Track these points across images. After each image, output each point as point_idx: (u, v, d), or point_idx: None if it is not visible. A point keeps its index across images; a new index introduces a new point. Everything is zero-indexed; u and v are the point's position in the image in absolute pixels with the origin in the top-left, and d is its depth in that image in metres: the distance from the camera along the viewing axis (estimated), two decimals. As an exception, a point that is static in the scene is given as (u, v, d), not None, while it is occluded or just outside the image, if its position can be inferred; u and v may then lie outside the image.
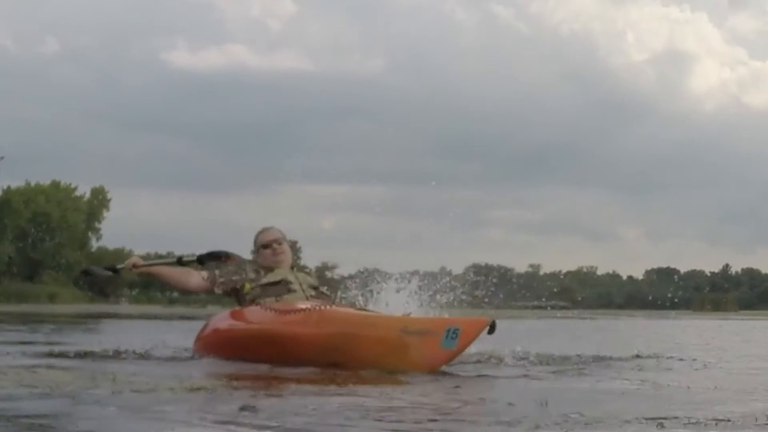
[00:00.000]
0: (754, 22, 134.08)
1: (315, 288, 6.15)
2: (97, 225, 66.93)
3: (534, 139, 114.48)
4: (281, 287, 6.03)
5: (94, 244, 67.40)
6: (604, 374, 4.90)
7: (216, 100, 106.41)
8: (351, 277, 6.78)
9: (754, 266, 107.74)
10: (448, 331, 4.93)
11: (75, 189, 65.83)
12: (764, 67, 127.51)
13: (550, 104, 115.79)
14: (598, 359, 5.81)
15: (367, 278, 6.56)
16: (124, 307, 35.31)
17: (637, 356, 6.12)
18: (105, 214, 67.19)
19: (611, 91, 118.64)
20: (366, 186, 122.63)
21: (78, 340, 8.03)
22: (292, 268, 6.25)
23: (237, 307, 6.13)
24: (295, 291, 6.03)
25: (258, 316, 5.84)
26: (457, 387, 4.36)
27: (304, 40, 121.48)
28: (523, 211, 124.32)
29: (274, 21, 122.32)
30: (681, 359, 6.12)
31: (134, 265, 6.31)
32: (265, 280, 6.07)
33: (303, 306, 5.72)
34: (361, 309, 5.97)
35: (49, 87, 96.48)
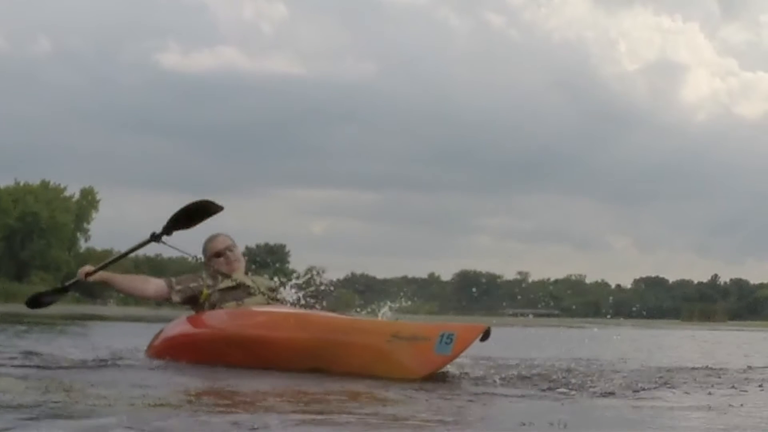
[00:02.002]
0: (745, 33, 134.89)
1: (273, 290, 6.02)
2: (86, 226, 66.78)
3: (525, 147, 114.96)
4: (241, 291, 5.91)
5: (83, 245, 67.24)
6: (619, 390, 4.44)
7: (207, 102, 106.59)
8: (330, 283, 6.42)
9: (743, 277, 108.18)
10: (442, 336, 4.80)
11: (64, 189, 65.71)
12: (755, 77, 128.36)
13: (542, 112, 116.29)
14: (608, 372, 5.39)
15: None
16: (111, 309, 34.98)
17: (645, 369, 5.73)
18: (94, 214, 67.09)
19: (603, 100, 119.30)
20: (356, 191, 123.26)
21: (45, 343, 7.59)
22: (246, 273, 6.13)
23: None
24: (254, 294, 5.89)
25: (227, 320, 5.64)
26: (461, 406, 3.89)
27: (296, 44, 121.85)
28: (512, 219, 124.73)
29: (266, 24, 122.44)
30: (690, 374, 5.66)
31: (87, 274, 5.99)
32: (223, 285, 5.93)
33: (279, 309, 5.54)
34: (342, 313, 5.78)
35: (41, 87, 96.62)
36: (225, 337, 5.51)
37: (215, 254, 6.07)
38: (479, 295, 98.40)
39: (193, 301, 5.96)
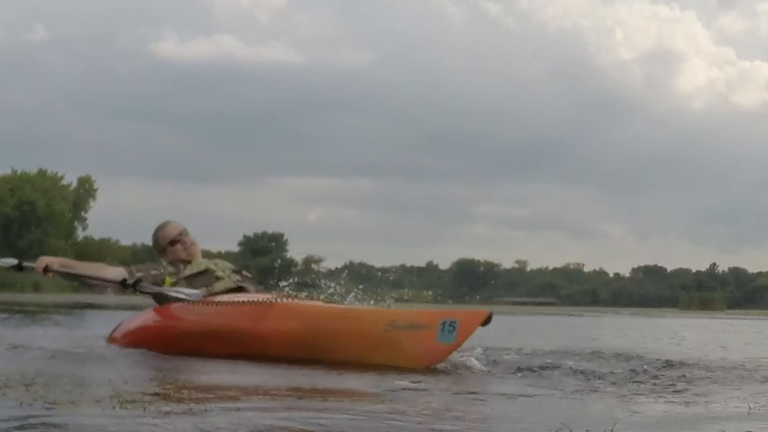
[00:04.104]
0: (742, 22, 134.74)
1: (238, 272, 5.85)
2: (83, 214, 66.71)
3: (521, 136, 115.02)
4: (208, 277, 5.71)
5: (80, 234, 67.23)
6: (649, 386, 4.04)
7: (204, 90, 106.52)
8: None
9: (741, 266, 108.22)
10: (444, 323, 4.54)
11: (61, 178, 65.67)
12: (752, 67, 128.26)
13: (538, 101, 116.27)
14: (630, 367, 4.88)
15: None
16: (109, 297, 34.58)
17: (664, 361, 5.23)
18: (91, 203, 67.03)
19: (599, 89, 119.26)
20: (353, 179, 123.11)
21: (19, 332, 7.18)
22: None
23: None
24: (222, 278, 5.72)
25: (207, 310, 5.30)
26: (470, 405, 3.49)
27: (293, 32, 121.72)
28: (509, 207, 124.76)
29: (262, 12, 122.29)
30: (714, 366, 5.21)
31: (46, 267, 5.66)
32: (188, 272, 5.72)
33: (262, 297, 5.23)
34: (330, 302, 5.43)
35: (37, 75, 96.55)
36: (208, 327, 5.23)
37: (170, 242, 5.88)
38: (477, 283, 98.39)
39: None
